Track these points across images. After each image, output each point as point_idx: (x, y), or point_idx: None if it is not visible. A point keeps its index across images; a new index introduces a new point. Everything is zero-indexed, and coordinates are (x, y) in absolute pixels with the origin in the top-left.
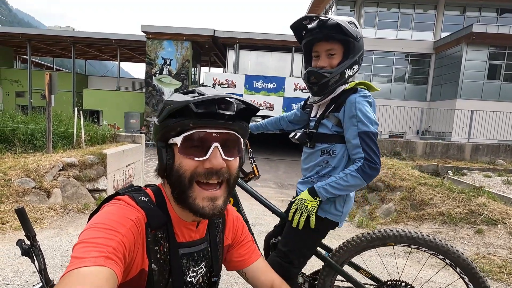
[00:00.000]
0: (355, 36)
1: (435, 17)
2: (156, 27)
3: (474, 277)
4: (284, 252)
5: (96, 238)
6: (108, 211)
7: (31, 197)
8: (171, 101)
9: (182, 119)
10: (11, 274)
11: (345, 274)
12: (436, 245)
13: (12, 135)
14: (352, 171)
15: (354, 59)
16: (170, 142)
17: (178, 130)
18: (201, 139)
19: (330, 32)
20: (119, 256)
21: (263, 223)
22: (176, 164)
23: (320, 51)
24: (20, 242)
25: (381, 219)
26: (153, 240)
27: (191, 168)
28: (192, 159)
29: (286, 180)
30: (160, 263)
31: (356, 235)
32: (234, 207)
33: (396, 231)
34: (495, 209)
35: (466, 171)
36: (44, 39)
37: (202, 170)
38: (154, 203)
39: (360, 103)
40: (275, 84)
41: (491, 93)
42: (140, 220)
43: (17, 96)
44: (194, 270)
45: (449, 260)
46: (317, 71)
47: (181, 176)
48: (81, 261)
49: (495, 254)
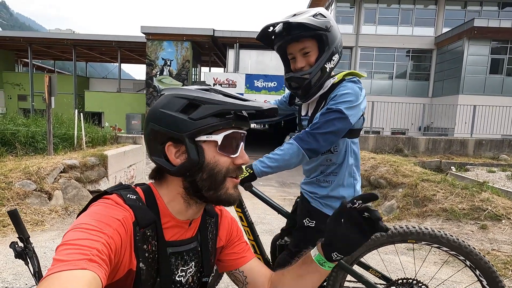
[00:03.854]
0: (324, 27)
1: (436, 12)
2: (155, 28)
3: (494, 281)
4: (294, 253)
5: (79, 239)
6: (94, 211)
7: (32, 200)
8: (215, 100)
9: (225, 119)
10: (10, 277)
11: (355, 273)
12: (459, 246)
13: (13, 137)
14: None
15: (331, 50)
16: (203, 139)
17: (218, 129)
18: (235, 138)
19: (298, 31)
20: (104, 258)
21: (264, 222)
22: (211, 162)
23: (294, 53)
24: (14, 245)
25: (383, 216)
26: (142, 238)
27: (226, 164)
28: (228, 157)
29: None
30: (148, 262)
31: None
32: (238, 208)
33: (419, 228)
34: (499, 204)
35: (469, 166)
36: (44, 42)
37: (233, 167)
38: (143, 201)
39: (344, 86)
40: (276, 83)
41: (494, 87)
42: (128, 219)
43: (19, 100)
44: (183, 270)
45: (469, 262)
46: (295, 76)
47: (218, 173)
48: (63, 264)
49: (499, 250)
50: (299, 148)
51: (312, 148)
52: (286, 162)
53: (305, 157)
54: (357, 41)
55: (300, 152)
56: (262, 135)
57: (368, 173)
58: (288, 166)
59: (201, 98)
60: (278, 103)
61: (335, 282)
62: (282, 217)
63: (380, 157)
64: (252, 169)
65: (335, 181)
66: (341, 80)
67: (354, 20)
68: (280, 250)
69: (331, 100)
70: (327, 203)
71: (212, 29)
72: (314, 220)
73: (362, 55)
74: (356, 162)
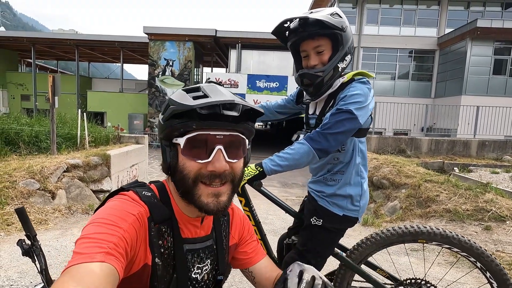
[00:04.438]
0: (340, 27)
1: (439, 12)
2: (158, 28)
3: (504, 283)
4: (301, 252)
5: (97, 233)
6: (111, 206)
7: (35, 199)
8: (174, 102)
9: (185, 120)
10: (16, 275)
11: (363, 273)
12: (470, 247)
13: (16, 137)
14: (301, 139)
15: (345, 50)
16: (174, 141)
17: (181, 131)
18: (205, 141)
19: (314, 29)
20: (120, 251)
21: (267, 222)
22: (180, 165)
23: (308, 50)
24: (21, 242)
25: (386, 217)
26: (157, 234)
27: (194, 169)
28: (195, 161)
29: (290, 179)
30: (164, 257)
31: (383, 229)
32: (246, 207)
33: (431, 228)
34: (503, 205)
35: (472, 167)
36: (47, 43)
37: (205, 172)
38: (157, 198)
39: (354, 86)
40: (278, 83)
41: (497, 88)
42: (143, 215)
43: (22, 100)
44: (199, 267)
45: (480, 264)
46: (309, 72)
47: (185, 177)
48: (82, 256)
49: (504, 251)
50: (310, 148)
51: (323, 148)
52: (297, 161)
53: (316, 157)
54: (359, 41)
55: (311, 152)
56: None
57: (371, 174)
58: (298, 166)
59: (170, 100)
60: (285, 102)
61: (343, 281)
62: (284, 217)
63: (382, 158)
64: (262, 167)
65: (342, 179)
66: (350, 80)
67: (356, 20)
68: (287, 249)
69: (341, 101)
70: (334, 202)
71: (214, 30)
72: (321, 218)
73: (365, 55)
74: (363, 161)
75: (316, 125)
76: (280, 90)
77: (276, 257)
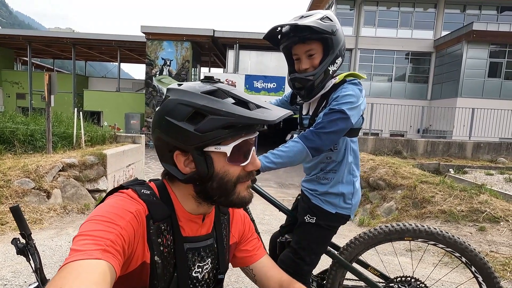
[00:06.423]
0: (330, 31)
1: (435, 15)
2: (155, 28)
3: (489, 277)
4: (296, 249)
5: (94, 230)
6: (109, 203)
7: (30, 198)
8: (226, 113)
9: (234, 131)
10: (9, 275)
11: (355, 271)
12: (454, 242)
13: (11, 136)
14: (295, 138)
15: (335, 54)
16: (208, 149)
17: (227, 139)
18: (246, 145)
19: (304, 34)
20: (118, 249)
21: (263, 222)
22: (220, 172)
23: (299, 54)
24: (15, 241)
25: (382, 218)
26: (156, 232)
27: (236, 173)
28: (238, 165)
29: (286, 180)
30: (164, 256)
31: (370, 228)
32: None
33: (416, 226)
34: (497, 206)
35: (467, 169)
36: (44, 41)
37: (244, 173)
38: (157, 196)
39: (346, 87)
40: (275, 84)
41: (492, 91)
42: (141, 213)
43: (18, 98)
44: (200, 266)
45: (465, 259)
46: (300, 76)
47: (227, 182)
48: (79, 253)
49: (498, 252)
50: (304, 146)
51: (316, 147)
52: (290, 159)
53: (309, 155)
54: (356, 43)
55: (305, 150)
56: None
57: (367, 175)
58: (291, 163)
59: (208, 108)
60: (280, 103)
61: (335, 280)
62: (281, 217)
63: (379, 159)
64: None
65: (334, 178)
66: (342, 81)
67: (354, 22)
68: (280, 247)
69: (333, 101)
70: (327, 200)
71: (212, 30)
72: (315, 216)
73: (362, 57)
74: (355, 160)
75: (309, 125)
76: (277, 90)
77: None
